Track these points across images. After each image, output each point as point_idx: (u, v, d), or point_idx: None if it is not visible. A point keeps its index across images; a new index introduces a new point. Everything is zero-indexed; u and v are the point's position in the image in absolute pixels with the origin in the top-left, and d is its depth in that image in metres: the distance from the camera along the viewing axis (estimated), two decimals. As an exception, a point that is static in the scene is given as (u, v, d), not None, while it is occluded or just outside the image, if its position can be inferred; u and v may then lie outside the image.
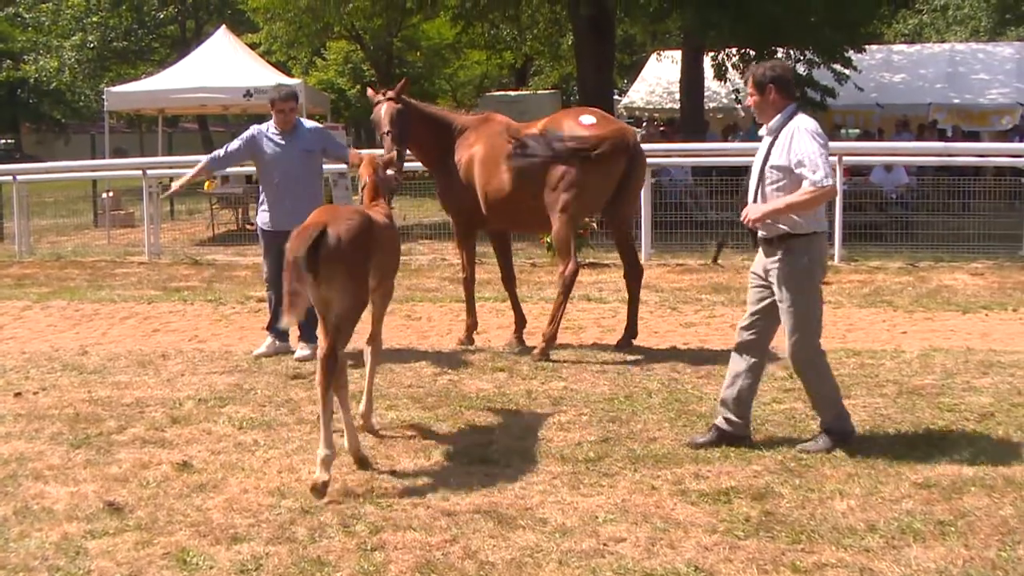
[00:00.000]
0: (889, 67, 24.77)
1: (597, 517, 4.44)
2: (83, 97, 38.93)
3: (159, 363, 7.51)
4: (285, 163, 7.55)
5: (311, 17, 24.82)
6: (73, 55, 34.53)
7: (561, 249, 7.49)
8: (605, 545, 4.15)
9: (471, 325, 8.03)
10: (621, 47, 30.80)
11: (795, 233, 5.12)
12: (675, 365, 7.11)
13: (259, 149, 7.64)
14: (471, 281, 8.05)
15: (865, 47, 21.25)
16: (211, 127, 41.12)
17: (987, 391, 6.34)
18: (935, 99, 22.56)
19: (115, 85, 22.35)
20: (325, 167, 8.87)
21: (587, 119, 7.44)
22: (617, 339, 7.83)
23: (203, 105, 20.62)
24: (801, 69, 19.24)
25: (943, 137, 19.78)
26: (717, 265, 11.56)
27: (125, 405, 6.36)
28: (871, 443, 5.31)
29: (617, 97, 27.74)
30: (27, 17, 37.50)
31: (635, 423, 5.78)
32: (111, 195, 17.97)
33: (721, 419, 5.39)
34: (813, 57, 19.45)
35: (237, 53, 19.43)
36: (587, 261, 11.47)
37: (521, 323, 7.98)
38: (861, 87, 20.94)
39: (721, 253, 5.70)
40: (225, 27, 20.72)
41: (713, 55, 20.60)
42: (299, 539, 4.27)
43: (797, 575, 3.90)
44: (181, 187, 8.23)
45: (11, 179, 14.78)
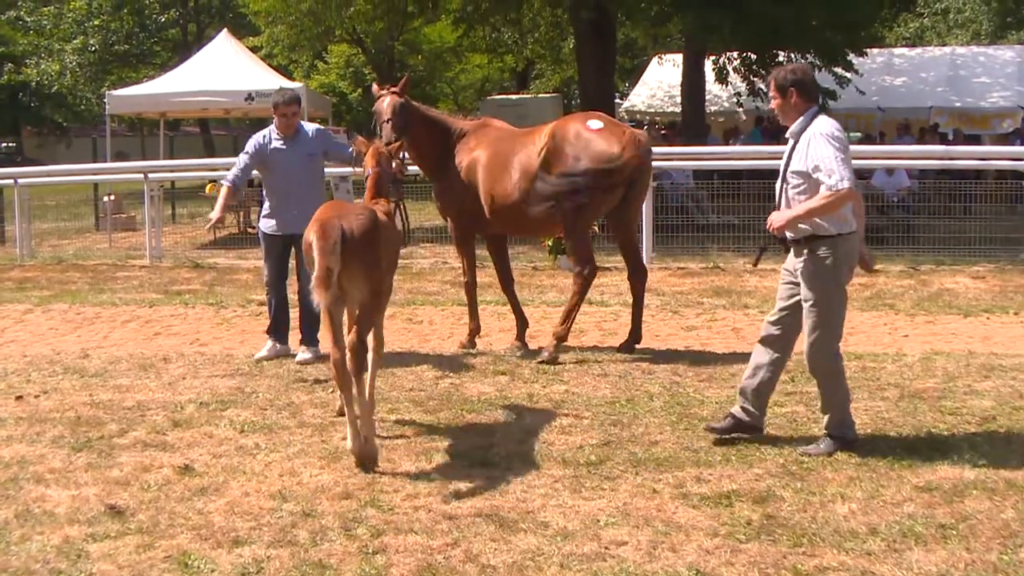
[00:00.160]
0: (890, 70, 24.81)
1: (598, 520, 4.43)
2: (84, 100, 38.91)
3: (160, 366, 7.51)
4: (290, 168, 7.55)
5: (312, 21, 24.89)
6: (75, 58, 34.58)
7: (578, 254, 7.52)
8: (606, 548, 4.16)
9: (474, 329, 8.02)
10: (622, 50, 30.86)
11: (819, 235, 5.16)
12: (676, 368, 7.10)
13: (266, 156, 7.62)
14: (473, 285, 8.03)
15: (866, 50, 21.27)
16: (212, 131, 41.23)
17: (989, 395, 6.34)
18: (936, 102, 22.60)
19: (117, 88, 22.35)
20: (327, 170, 8.86)
21: (594, 124, 7.44)
22: (619, 342, 7.83)
23: (204, 109, 20.59)
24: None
25: (944, 140, 19.81)
26: (756, 268, 11.52)
27: (126, 408, 6.37)
28: (873, 446, 5.30)
29: (618, 101, 27.76)
30: (29, 21, 37.57)
31: (636, 426, 5.78)
32: (112, 198, 17.95)
33: (738, 408, 5.46)
34: (814, 60, 19.44)
35: (238, 57, 19.44)
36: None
37: (523, 325, 7.98)
38: (862, 90, 20.95)
39: (763, 257, 5.68)
40: (226, 31, 20.74)
41: (714, 58, 20.63)
42: (300, 542, 4.27)
43: (799, 578, 3.90)
44: (222, 214, 7.84)
45: (12, 182, 14.77)
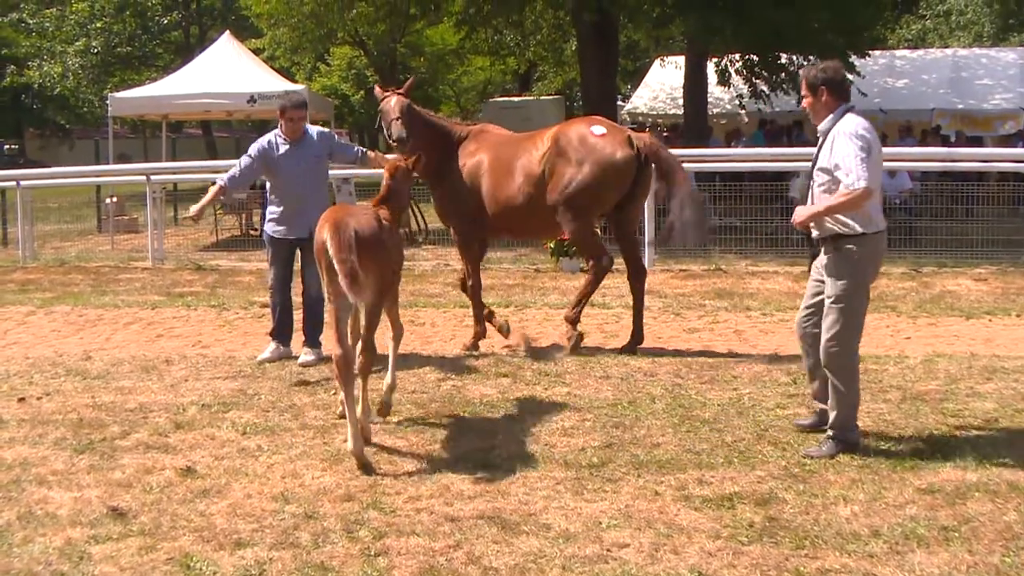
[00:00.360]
0: (892, 72, 24.81)
1: (600, 523, 4.43)
2: (87, 102, 38.98)
3: (163, 368, 7.51)
4: (297, 172, 7.53)
5: (315, 23, 24.91)
6: (77, 60, 34.60)
7: (589, 251, 7.68)
8: (608, 551, 4.15)
9: (479, 333, 7.98)
10: (624, 53, 30.84)
11: (845, 233, 5.17)
12: (679, 371, 7.10)
13: (271, 160, 7.59)
14: (478, 287, 8.01)
15: (868, 52, 21.26)
16: (215, 133, 41.27)
17: (991, 396, 6.33)
18: (938, 104, 22.59)
19: (119, 90, 22.39)
20: (330, 173, 8.86)
21: (598, 129, 7.46)
22: (621, 344, 7.83)
23: (207, 111, 20.61)
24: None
25: (946, 142, 19.79)
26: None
27: (129, 410, 6.37)
28: (875, 449, 5.30)
29: (621, 103, 27.76)
30: (31, 23, 37.63)
31: (639, 429, 5.78)
32: (115, 200, 17.98)
33: (820, 408, 5.59)
34: (816, 62, 19.42)
35: (241, 59, 19.44)
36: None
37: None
38: (864, 92, 20.90)
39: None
40: (229, 33, 20.76)
41: (717, 60, 20.63)
42: (303, 544, 4.27)
43: (801, 581, 3.90)
44: (200, 211, 7.74)
45: (15, 184, 14.80)
